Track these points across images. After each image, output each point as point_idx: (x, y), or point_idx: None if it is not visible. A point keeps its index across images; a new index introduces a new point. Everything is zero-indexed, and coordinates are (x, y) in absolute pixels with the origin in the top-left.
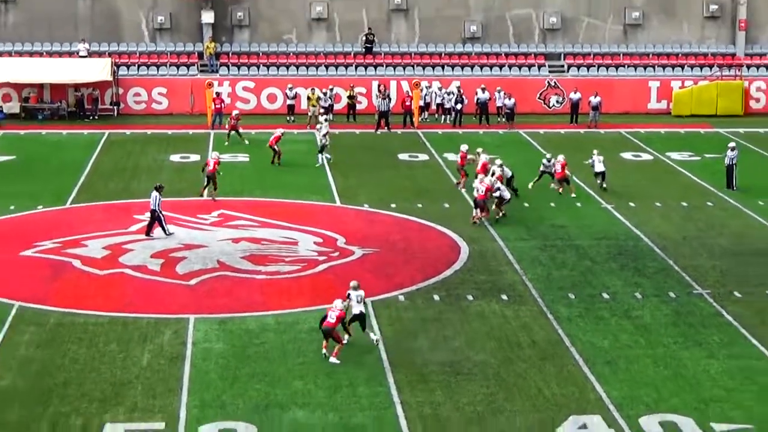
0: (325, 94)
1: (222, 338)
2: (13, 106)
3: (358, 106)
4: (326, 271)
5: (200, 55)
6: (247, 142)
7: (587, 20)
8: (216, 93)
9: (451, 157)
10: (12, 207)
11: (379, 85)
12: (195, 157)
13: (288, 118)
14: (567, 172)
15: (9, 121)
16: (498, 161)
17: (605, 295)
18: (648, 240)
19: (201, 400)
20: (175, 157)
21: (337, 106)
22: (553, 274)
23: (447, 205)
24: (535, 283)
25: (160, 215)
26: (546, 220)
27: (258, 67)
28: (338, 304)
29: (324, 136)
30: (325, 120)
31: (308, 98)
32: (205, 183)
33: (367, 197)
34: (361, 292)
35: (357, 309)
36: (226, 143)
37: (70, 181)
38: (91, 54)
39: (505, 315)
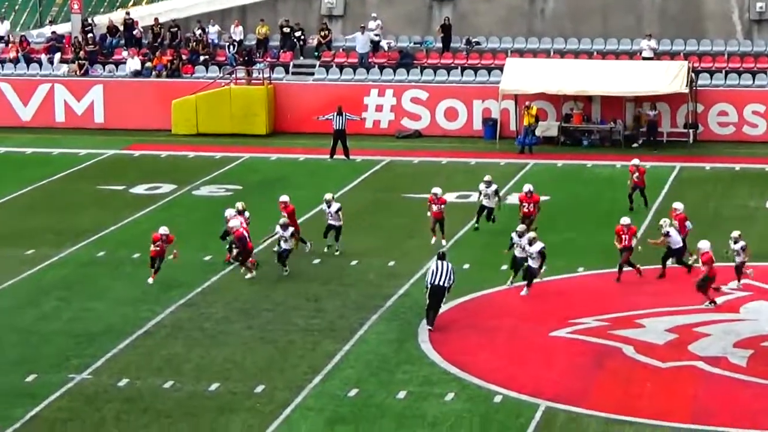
0: None
1: None
2: (550, 127)
3: None
4: None
5: None
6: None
7: None
8: None
9: None
10: (543, 268)
11: None
12: None
13: None
14: None
15: (543, 148)
16: None
17: None
18: None
19: None
20: None
21: None
22: None
23: None
24: None
25: None
26: None
27: None
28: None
29: None
30: None
31: None
32: None
33: None
34: (338, 205)
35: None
36: None
37: None
38: (659, 56)
39: None
